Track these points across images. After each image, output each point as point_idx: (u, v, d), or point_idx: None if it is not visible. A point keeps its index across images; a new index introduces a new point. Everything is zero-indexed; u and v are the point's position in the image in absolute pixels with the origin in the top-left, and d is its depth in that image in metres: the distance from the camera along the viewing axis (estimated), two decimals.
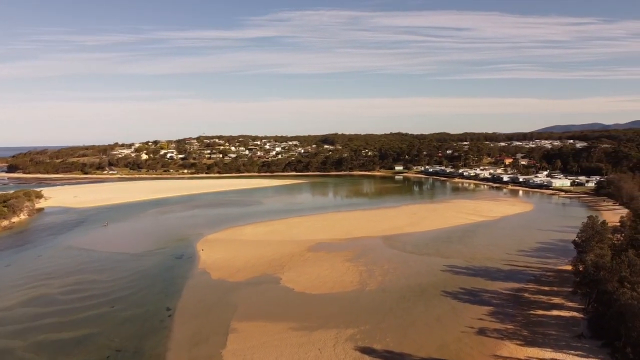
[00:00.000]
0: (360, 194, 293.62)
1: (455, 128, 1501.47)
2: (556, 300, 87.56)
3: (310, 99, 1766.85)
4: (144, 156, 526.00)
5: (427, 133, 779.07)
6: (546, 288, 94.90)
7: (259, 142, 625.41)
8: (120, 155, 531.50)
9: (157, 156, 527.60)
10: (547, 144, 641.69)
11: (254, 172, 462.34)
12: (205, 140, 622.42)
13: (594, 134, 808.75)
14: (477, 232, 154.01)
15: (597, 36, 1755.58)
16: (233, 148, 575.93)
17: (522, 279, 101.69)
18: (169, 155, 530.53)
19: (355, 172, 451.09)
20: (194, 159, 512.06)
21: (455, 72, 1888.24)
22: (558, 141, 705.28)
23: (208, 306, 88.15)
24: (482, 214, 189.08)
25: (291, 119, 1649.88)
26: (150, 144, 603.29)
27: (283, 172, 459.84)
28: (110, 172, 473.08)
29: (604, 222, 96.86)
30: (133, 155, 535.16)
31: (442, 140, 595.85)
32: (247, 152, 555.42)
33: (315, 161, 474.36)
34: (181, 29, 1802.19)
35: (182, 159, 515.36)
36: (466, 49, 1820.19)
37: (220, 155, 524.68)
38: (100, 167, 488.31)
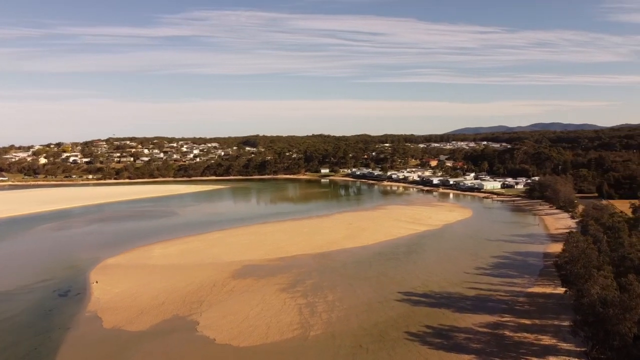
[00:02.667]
0: (287, 201, 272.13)
1: (375, 130, 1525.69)
2: (546, 339, 71.03)
3: (230, 100, 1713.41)
4: (43, 160, 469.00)
5: (349, 135, 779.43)
6: (526, 321, 78.41)
7: (175, 145, 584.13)
8: (13, 160, 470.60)
9: (58, 160, 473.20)
10: (463, 145, 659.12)
11: (170, 176, 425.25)
12: (115, 143, 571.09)
13: (504, 136, 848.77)
14: (424, 246, 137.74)
15: (501, 44, 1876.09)
16: (146, 151, 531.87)
17: (494, 308, 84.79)
18: (72, 159, 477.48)
19: (279, 176, 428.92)
20: (102, 163, 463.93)
21: (373, 75, 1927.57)
22: (473, 142, 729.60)
23: None
24: (422, 222, 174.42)
25: (211, 120, 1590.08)
26: (52, 146, 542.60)
27: (202, 176, 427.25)
28: (0, 178, 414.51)
29: (587, 240, 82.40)
30: (29, 159, 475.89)
31: (364, 142, 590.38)
32: (162, 155, 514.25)
33: (237, 164, 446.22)
34: (90, 24, 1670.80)
35: (87, 163, 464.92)
36: (383, 53, 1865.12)
37: (132, 159, 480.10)
38: None
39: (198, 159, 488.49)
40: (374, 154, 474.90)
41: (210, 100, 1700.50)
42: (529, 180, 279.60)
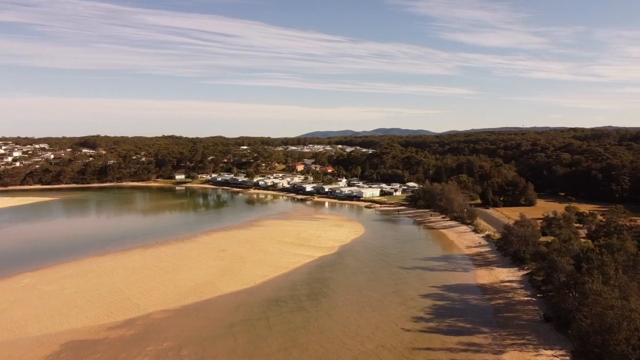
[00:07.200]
0: (135, 217, 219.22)
1: (230, 132, 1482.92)
2: None
3: (66, 97, 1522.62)
4: None
5: (203, 136, 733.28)
6: None
7: None
8: None
9: None
10: (320, 148, 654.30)
11: None
12: None
13: (356, 139, 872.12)
14: (330, 282, 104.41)
15: (345, 53, 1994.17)
16: None
17: None
18: None
19: (125, 183, 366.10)
20: None
21: (224, 77, 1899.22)
22: (328, 146, 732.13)
23: None
24: (313, 244, 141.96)
25: (42, 120, 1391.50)
26: None
27: (22, 185, 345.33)
28: None
29: (613, 292, 55.92)
30: None
31: (222, 144, 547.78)
32: None
33: (71, 170, 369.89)
34: None
35: None
36: (234, 55, 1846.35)
37: None
38: None
39: (18, 163, 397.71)
40: (235, 157, 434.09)
41: (42, 96, 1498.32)
42: (404, 187, 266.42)
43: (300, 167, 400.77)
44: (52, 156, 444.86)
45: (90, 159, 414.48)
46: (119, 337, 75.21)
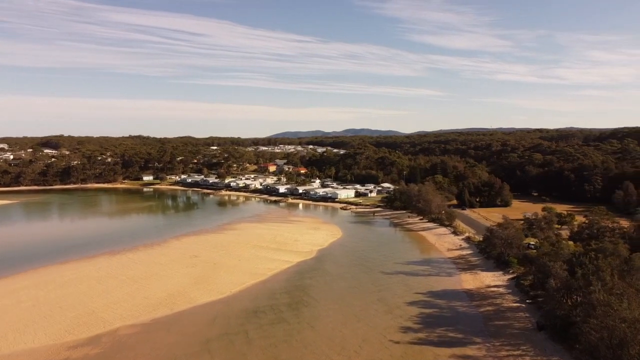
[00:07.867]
0: (101, 221, 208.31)
1: (199, 132, 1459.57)
2: None
3: (27, 96, 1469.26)
4: None
5: (171, 137, 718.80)
6: None
7: None
8: None
9: None
10: (291, 148, 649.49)
11: None
12: None
13: (327, 140, 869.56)
14: (310, 290, 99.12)
15: (315, 54, 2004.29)
16: None
17: None
18: None
19: (90, 185, 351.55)
20: None
21: (193, 76, 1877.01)
22: (300, 146, 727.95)
23: None
24: (290, 249, 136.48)
25: (1, 119, 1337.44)
26: None
27: None
28: None
29: (629, 305, 52.32)
30: None
31: (191, 144, 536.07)
32: None
33: (31, 171, 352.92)
34: None
35: None
36: (203, 54, 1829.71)
37: None
38: None
39: None
40: (205, 158, 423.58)
41: (0, 94, 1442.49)
42: (379, 187, 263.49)
43: (272, 168, 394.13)
44: (11, 157, 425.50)
45: (53, 159, 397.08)
46: (82, 357, 68.14)
